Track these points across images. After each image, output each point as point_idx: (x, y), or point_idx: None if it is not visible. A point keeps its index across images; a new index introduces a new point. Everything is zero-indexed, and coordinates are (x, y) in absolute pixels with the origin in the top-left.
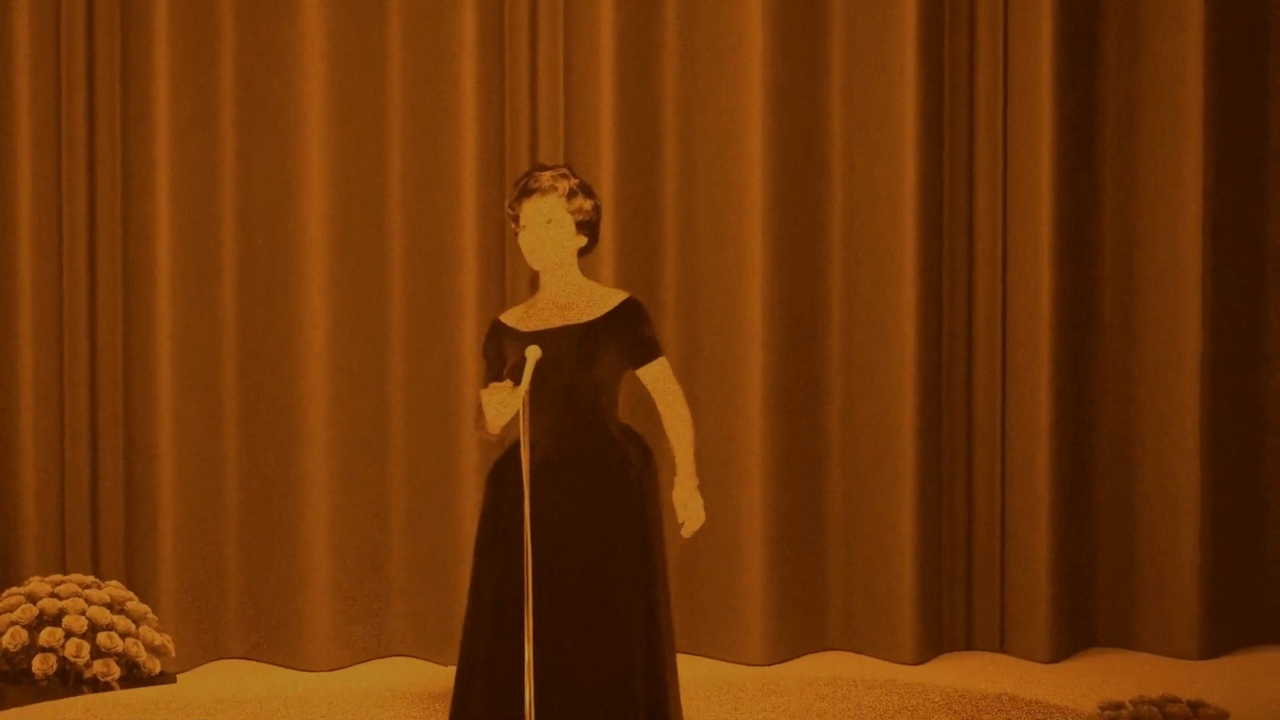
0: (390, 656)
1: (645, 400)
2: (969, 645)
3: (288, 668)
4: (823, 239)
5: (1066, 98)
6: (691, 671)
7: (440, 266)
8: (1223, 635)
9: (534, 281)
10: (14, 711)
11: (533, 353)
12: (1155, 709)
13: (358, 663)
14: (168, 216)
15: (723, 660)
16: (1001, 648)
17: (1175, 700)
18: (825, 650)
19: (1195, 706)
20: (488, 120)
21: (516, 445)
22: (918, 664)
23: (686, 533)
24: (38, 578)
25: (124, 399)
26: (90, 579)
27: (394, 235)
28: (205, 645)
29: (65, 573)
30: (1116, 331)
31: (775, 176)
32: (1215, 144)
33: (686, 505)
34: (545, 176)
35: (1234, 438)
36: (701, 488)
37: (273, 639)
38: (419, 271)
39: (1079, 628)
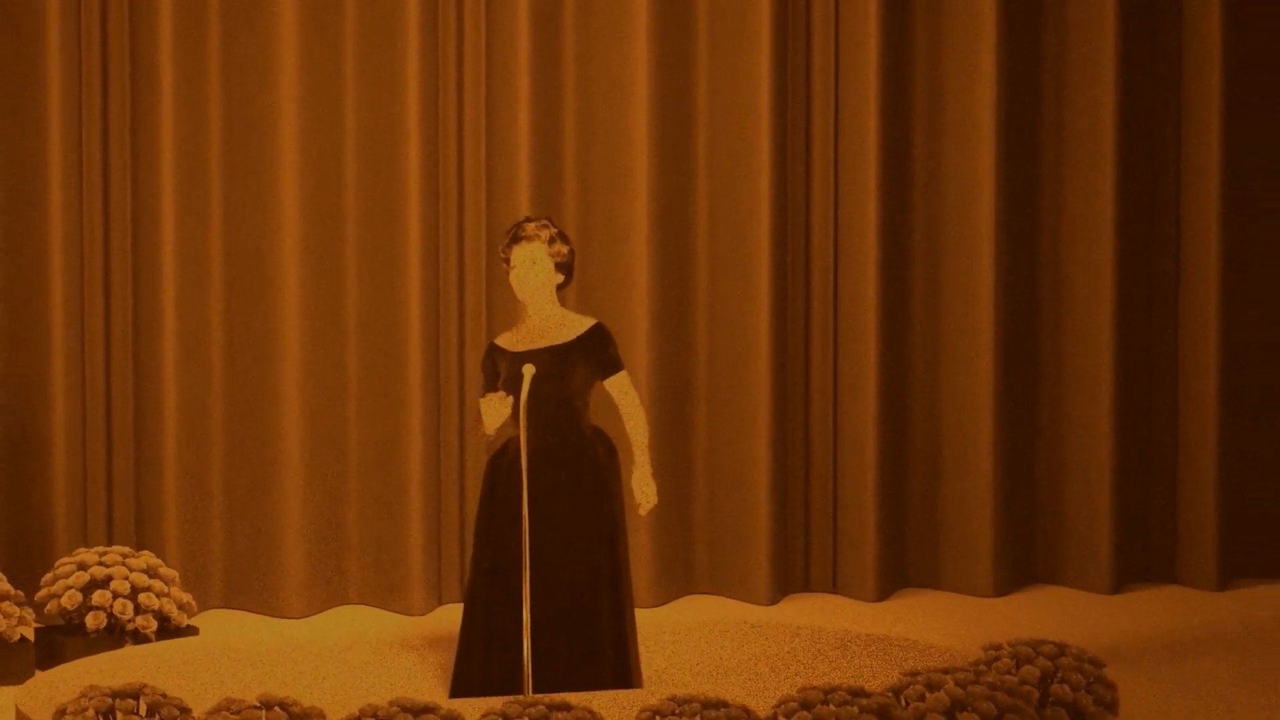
0: (349, 604)
1: (614, 407)
2: (807, 586)
3: (266, 615)
4: (692, 223)
5: (888, 105)
6: None
7: (389, 257)
8: (1014, 575)
9: (522, 310)
10: (81, 661)
11: (528, 370)
12: (1031, 649)
13: (324, 610)
14: (171, 221)
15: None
16: (834, 588)
17: (1045, 642)
18: (693, 594)
19: (1062, 647)
20: (425, 126)
21: (507, 443)
22: (771, 605)
23: (643, 511)
24: (84, 549)
25: (134, 399)
26: (128, 550)
27: (350, 225)
28: (198, 599)
29: (87, 543)
30: (925, 315)
31: (655, 176)
32: (1006, 144)
33: (643, 489)
34: (530, 227)
35: (1022, 404)
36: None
37: (252, 591)
38: (370, 264)
39: (897, 570)
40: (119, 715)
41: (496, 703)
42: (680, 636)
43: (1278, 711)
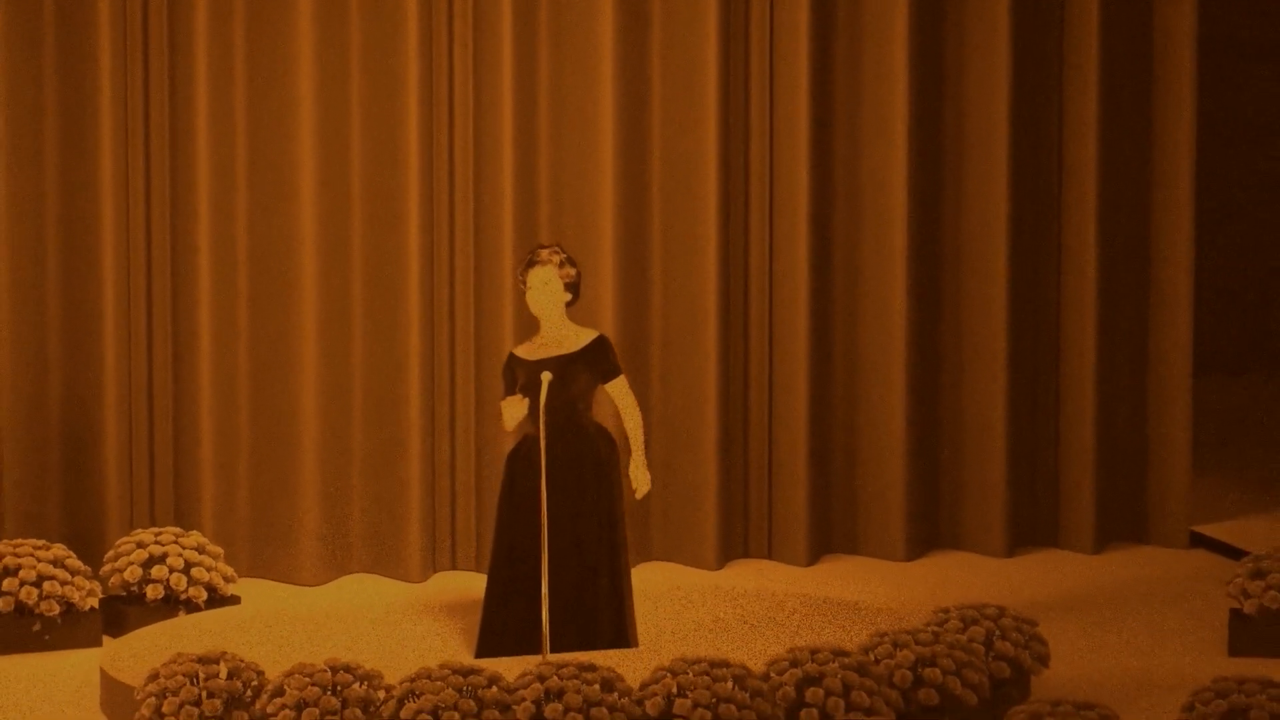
0: (355, 573)
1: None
2: (746, 553)
3: (286, 583)
4: (647, 212)
5: (815, 116)
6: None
7: (391, 259)
8: (922, 540)
9: (537, 324)
10: (149, 628)
11: (546, 376)
12: (976, 612)
13: (335, 578)
14: (206, 214)
15: None
16: (769, 554)
17: (987, 605)
18: (650, 561)
19: (1001, 609)
20: (422, 131)
21: (524, 439)
22: (718, 570)
23: (638, 496)
24: (141, 530)
25: (172, 399)
26: (180, 530)
27: (355, 225)
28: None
29: (133, 525)
30: (846, 299)
31: (620, 176)
32: (915, 148)
33: (639, 477)
34: (544, 253)
35: (929, 384)
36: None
37: (274, 562)
38: (374, 268)
39: (823, 537)
40: (204, 680)
41: (526, 663)
42: (657, 601)
43: (1184, 658)
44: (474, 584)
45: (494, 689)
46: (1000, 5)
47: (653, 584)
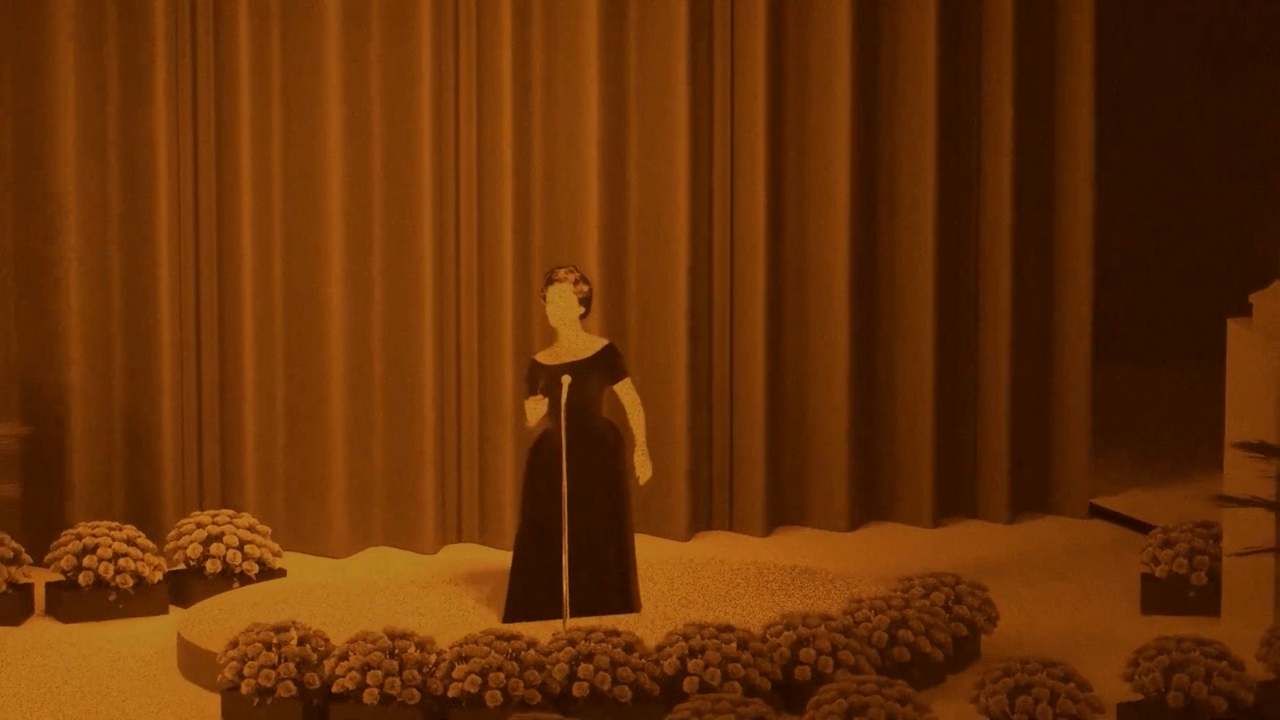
0: (376, 546)
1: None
2: (710, 525)
3: (318, 555)
4: (624, 214)
5: (770, 122)
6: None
7: (409, 259)
8: (861, 512)
9: (554, 334)
10: (211, 600)
11: (566, 380)
12: (935, 580)
13: (359, 551)
14: (249, 228)
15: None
16: (731, 525)
17: (945, 574)
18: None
19: (957, 577)
20: (438, 135)
21: (546, 432)
22: (688, 541)
23: (641, 481)
24: (199, 512)
25: (219, 397)
26: (233, 511)
27: (375, 209)
28: None
29: (186, 507)
30: (795, 285)
31: (605, 174)
32: (855, 154)
33: (641, 464)
34: (561, 273)
35: (867, 366)
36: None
37: (307, 538)
38: (392, 267)
39: (777, 509)
40: (278, 645)
41: (548, 627)
42: (649, 572)
43: (1106, 616)
44: (480, 555)
45: (532, 652)
46: (929, 41)
47: (643, 555)
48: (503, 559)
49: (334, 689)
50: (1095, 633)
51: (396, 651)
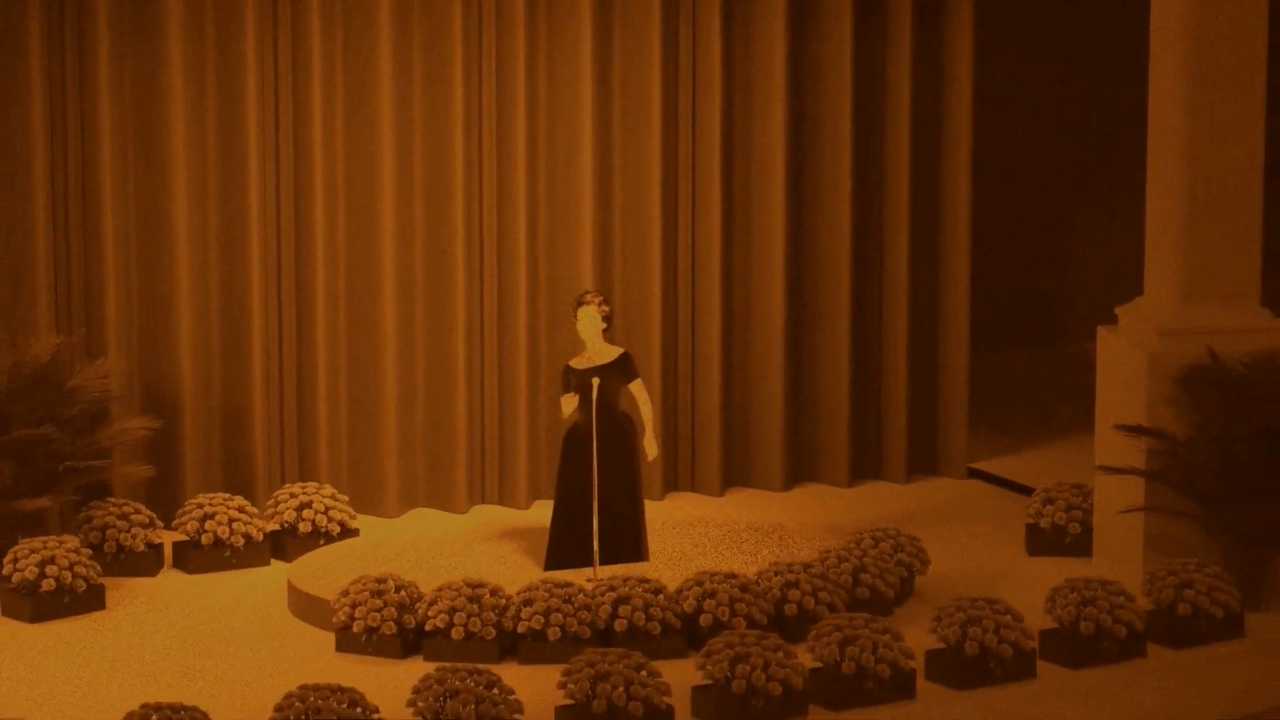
0: (419, 507)
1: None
2: (676, 487)
3: (375, 516)
4: (610, 217)
5: (722, 126)
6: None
7: (442, 258)
8: (791, 475)
9: (582, 345)
10: (308, 555)
11: (595, 381)
12: (881, 533)
13: (406, 511)
14: (323, 202)
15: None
16: (693, 487)
17: (888, 527)
18: None
19: (897, 530)
20: (470, 140)
21: (576, 423)
22: (661, 500)
23: (649, 460)
24: (290, 484)
25: (296, 381)
26: (318, 484)
27: (417, 212)
28: None
29: (272, 477)
30: (741, 270)
31: (599, 174)
32: (789, 150)
33: (650, 447)
34: (588, 297)
35: (797, 351)
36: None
37: (366, 501)
38: (428, 259)
39: (727, 472)
40: (381, 594)
41: (580, 574)
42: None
43: (1002, 558)
44: (503, 515)
45: (581, 596)
46: (844, 70)
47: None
48: (521, 518)
49: (426, 628)
50: (997, 571)
51: (475, 597)
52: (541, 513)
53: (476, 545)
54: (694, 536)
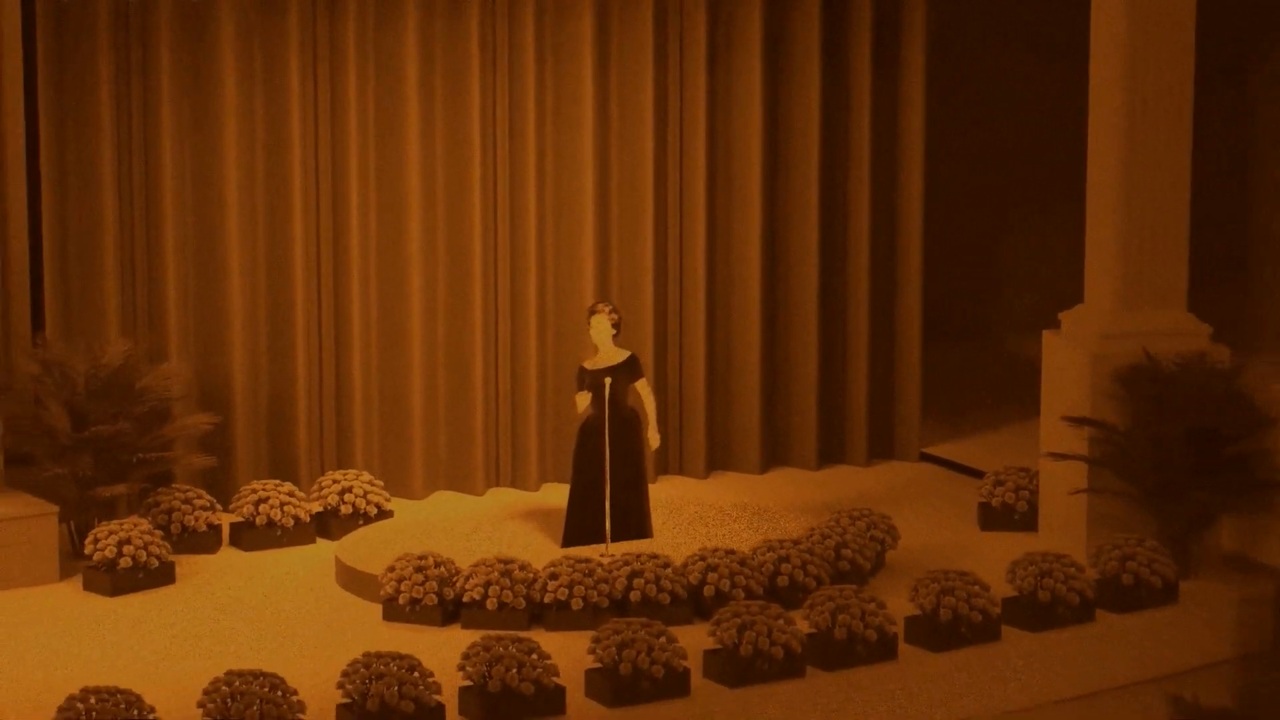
0: (440, 489)
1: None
2: (665, 471)
3: (404, 498)
4: (608, 220)
5: (709, 138)
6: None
7: (460, 269)
8: (767, 459)
9: (594, 348)
10: (352, 534)
11: (607, 380)
12: (857, 512)
13: (430, 493)
14: (358, 196)
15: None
16: (681, 471)
17: (863, 508)
18: None
19: (870, 509)
20: (485, 148)
21: (590, 417)
22: (654, 483)
23: (653, 449)
24: (331, 471)
25: (336, 375)
26: (357, 470)
27: (439, 208)
28: None
29: (312, 465)
30: (723, 280)
31: (599, 194)
32: (767, 156)
33: (653, 438)
34: (600, 306)
35: (771, 344)
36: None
37: (395, 484)
38: (447, 267)
39: (712, 456)
40: (423, 569)
41: (595, 550)
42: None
43: (959, 532)
44: (516, 497)
45: (600, 570)
46: (813, 84)
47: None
48: (532, 499)
49: (464, 599)
50: (955, 545)
51: (507, 571)
52: (550, 495)
53: (500, 524)
54: (688, 516)
